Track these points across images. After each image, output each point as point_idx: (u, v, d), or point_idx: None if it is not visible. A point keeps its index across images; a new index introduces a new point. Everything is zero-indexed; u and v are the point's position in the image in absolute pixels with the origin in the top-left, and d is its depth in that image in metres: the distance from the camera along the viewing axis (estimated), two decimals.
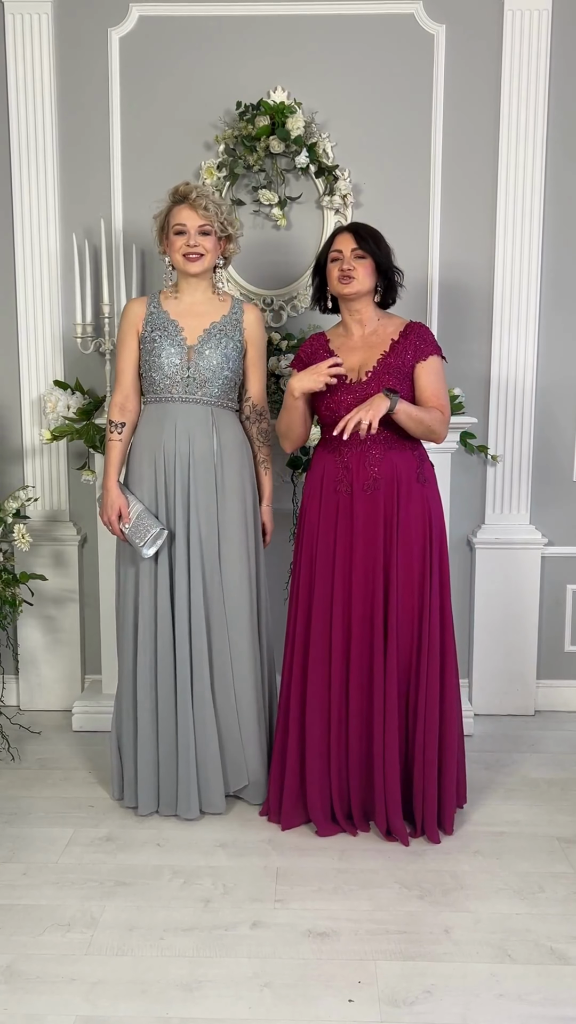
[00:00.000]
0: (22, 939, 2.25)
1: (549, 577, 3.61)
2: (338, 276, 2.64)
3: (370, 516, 2.63)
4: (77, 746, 3.31)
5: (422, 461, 2.70)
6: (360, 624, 2.65)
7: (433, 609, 2.65)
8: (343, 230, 2.69)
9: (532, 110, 3.34)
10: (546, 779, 3.09)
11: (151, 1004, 2.03)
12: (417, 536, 2.64)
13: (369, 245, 2.64)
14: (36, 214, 3.44)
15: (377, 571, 2.63)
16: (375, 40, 3.34)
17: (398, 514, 2.63)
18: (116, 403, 2.81)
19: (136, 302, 2.81)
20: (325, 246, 2.72)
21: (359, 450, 2.64)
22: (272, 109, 3.27)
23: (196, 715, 2.74)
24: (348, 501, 2.65)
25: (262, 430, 2.87)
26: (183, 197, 2.70)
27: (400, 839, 2.67)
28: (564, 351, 3.51)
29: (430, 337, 2.69)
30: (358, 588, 2.64)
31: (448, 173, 3.40)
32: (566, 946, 2.23)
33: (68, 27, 3.37)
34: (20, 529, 3.14)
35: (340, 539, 2.66)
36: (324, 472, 2.71)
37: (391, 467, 2.63)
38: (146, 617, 2.75)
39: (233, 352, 2.76)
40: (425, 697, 2.64)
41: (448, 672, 2.70)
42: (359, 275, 2.62)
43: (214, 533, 2.73)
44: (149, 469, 2.76)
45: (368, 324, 2.70)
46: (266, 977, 2.12)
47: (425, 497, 2.67)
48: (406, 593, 2.64)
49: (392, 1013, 2.01)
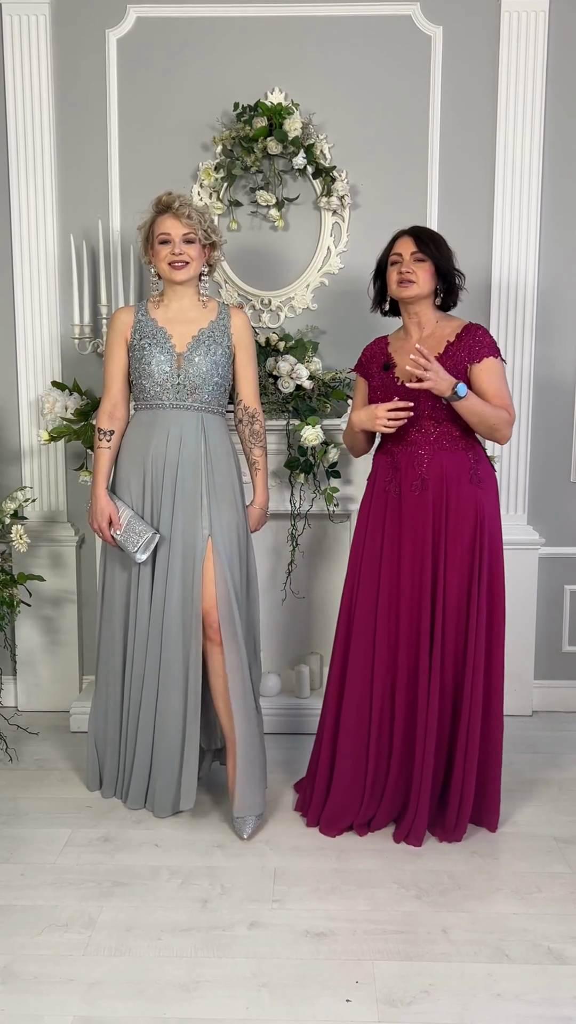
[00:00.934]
0: (20, 939, 2.25)
1: (547, 578, 3.62)
2: (397, 280, 2.65)
3: (418, 516, 2.63)
4: (75, 747, 3.31)
5: (478, 462, 2.69)
6: (407, 625, 2.65)
7: (481, 613, 2.63)
8: (403, 233, 2.69)
9: (529, 111, 3.35)
10: (543, 779, 3.09)
11: (149, 1004, 2.04)
12: (466, 537, 2.63)
13: (429, 248, 2.64)
14: (34, 215, 3.44)
15: (425, 571, 2.63)
16: (373, 41, 3.35)
17: (447, 515, 2.63)
18: (104, 410, 2.82)
19: (123, 311, 2.83)
20: (386, 249, 2.72)
21: (409, 450, 2.66)
22: (270, 110, 3.27)
23: (160, 718, 2.76)
24: (396, 501, 2.67)
25: (254, 432, 2.89)
26: (166, 207, 2.71)
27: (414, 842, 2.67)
28: (561, 352, 3.52)
29: (486, 339, 2.67)
30: (405, 587, 2.65)
31: (445, 174, 3.41)
32: (563, 946, 2.23)
33: (66, 28, 3.37)
34: (18, 530, 3.14)
35: (388, 539, 2.68)
36: (377, 475, 2.76)
37: (439, 467, 2.63)
38: (131, 620, 2.79)
39: (222, 358, 2.77)
40: (469, 703, 2.63)
41: (494, 678, 2.68)
42: (419, 278, 2.63)
43: (199, 538, 2.73)
44: (137, 474, 2.77)
45: (427, 326, 2.71)
46: (264, 977, 2.12)
47: (478, 498, 2.65)
48: (452, 593, 2.63)
49: (390, 1013, 2.01)
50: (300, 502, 3.39)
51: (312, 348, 3.37)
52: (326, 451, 3.26)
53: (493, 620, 2.69)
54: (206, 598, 2.72)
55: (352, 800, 2.72)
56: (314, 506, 3.39)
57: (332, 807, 2.73)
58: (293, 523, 3.42)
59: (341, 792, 2.72)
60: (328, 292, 3.47)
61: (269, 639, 3.56)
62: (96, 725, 2.92)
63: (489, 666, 2.68)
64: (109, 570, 2.87)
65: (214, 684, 2.76)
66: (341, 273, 3.45)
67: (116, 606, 2.85)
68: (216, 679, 2.75)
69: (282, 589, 3.51)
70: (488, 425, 2.60)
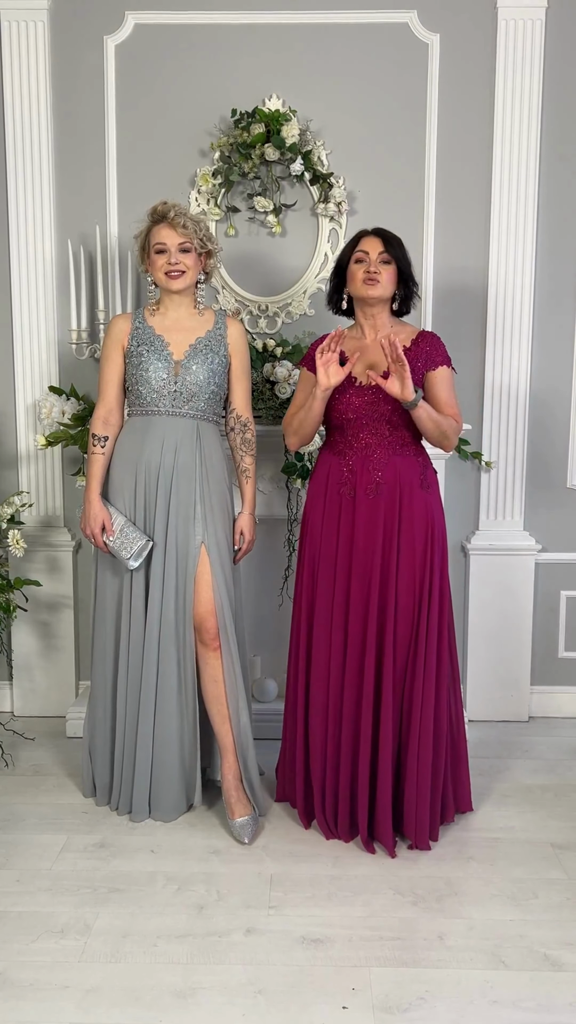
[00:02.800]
0: (15, 946, 2.25)
1: (543, 583, 3.62)
2: (363, 278, 2.64)
3: (371, 520, 2.64)
4: (71, 752, 3.30)
5: (425, 468, 2.72)
6: (355, 627, 2.65)
7: (432, 614, 2.66)
8: (369, 233, 2.69)
9: (526, 119, 3.36)
10: (540, 785, 3.09)
11: (144, 1011, 2.03)
12: (418, 541, 2.65)
13: (395, 251, 2.66)
14: (32, 220, 3.44)
15: (375, 575, 2.63)
16: (370, 49, 3.36)
17: (400, 519, 2.64)
18: (99, 417, 2.82)
19: (121, 318, 2.84)
20: (348, 247, 2.71)
21: (363, 454, 2.66)
22: (267, 117, 3.28)
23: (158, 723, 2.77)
24: (351, 504, 2.67)
25: (246, 440, 2.89)
26: (162, 216, 2.72)
27: (387, 849, 2.66)
28: (557, 358, 3.53)
29: (441, 347, 2.70)
30: (356, 591, 2.65)
31: (442, 181, 3.42)
32: (560, 952, 2.23)
33: (64, 34, 3.38)
34: (14, 535, 3.14)
35: (342, 542, 2.68)
36: (328, 474, 2.73)
37: (395, 472, 2.65)
38: (124, 627, 2.79)
39: (219, 367, 2.78)
40: (421, 705, 2.63)
41: (442, 678, 2.69)
42: (383, 279, 2.63)
43: (192, 545, 2.74)
44: (129, 480, 2.77)
45: (381, 329, 2.71)
46: (260, 984, 2.12)
47: (427, 503, 2.68)
48: (404, 598, 2.64)
49: (386, 1020, 2.01)
50: (296, 507, 3.39)
51: None
52: None
53: (442, 626, 2.69)
54: (203, 603, 2.73)
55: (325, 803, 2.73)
56: None
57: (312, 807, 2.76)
58: (290, 528, 3.42)
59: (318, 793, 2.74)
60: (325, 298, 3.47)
61: (266, 644, 3.56)
62: (90, 733, 2.92)
63: (440, 672, 2.68)
64: (101, 577, 2.87)
65: (211, 690, 2.76)
66: None
67: (108, 613, 2.85)
68: (214, 685, 2.75)
69: (279, 594, 3.51)
70: (441, 431, 2.63)
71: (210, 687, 2.76)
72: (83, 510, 2.82)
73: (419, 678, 2.63)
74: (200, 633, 2.74)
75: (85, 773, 2.95)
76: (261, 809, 2.80)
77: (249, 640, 3.15)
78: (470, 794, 2.86)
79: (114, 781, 2.87)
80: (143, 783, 2.79)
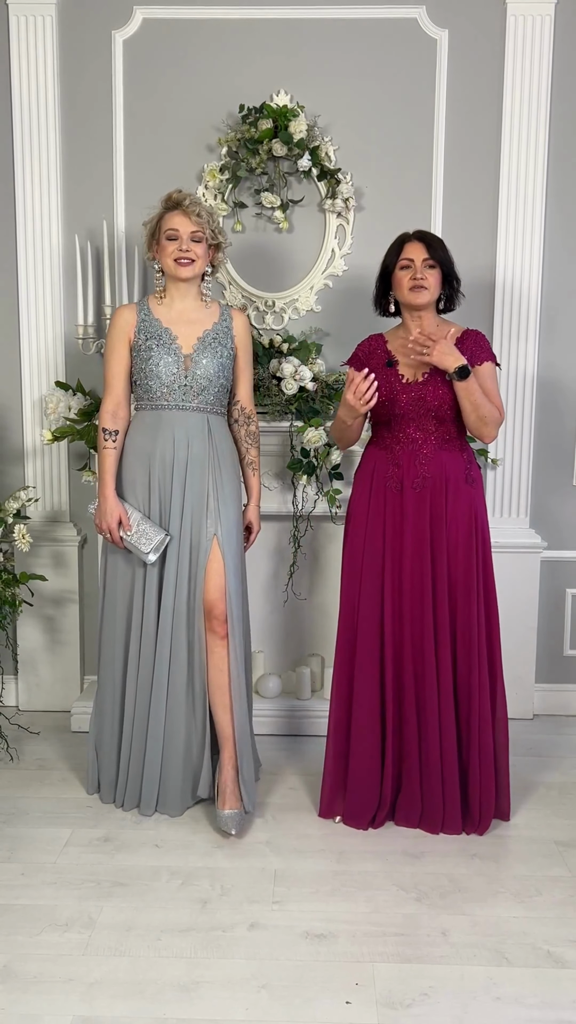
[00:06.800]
0: (19, 939, 2.25)
1: (548, 581, 3.62)
2: (410, 286, 2.67)
3: (418, 513, 2.68)
4: (76, 747, 3.30)
5: (470, 463, 2.75)
6: (412, 622, 2.69)
7: (481, 611, 2.70)
8: (412, 238, 2.71)
9: (534, 114, 3.35)
10: (544, 783, 3.09)
11: (148, 1005, 2.03)
12: (463, 535, 2.69)
13: (439, 254, 2.68)
14: (39, 215, 3.44)
15: (426, 567, 2.67)
16: (378, 44, 3.35)
17: (446, 513, 2.68)
18: (107, 410, 2.82)
19: (126, 309, 2.82)
20: (392, 252, 2.73)
21: (410, 448, 2.69)
22: (275, 112, 3.28)
23: (169, 717, 2.77)
24: (398, 498, 2.69)
25: (250, 432, 2.90)
26: (176, 204, 2.73)
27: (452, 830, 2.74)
28: (565, 355, 3.52)
29: (486, 344, 2.74)
30: (408, 584, 2.69)
31: (450, 177, 3.41)
32: (563, 950, 2.23)
33: (72, 29, 3.38)
34: (20, 529, 3.14)
35: (389, 536, 2.71)
36: (375, 469, 2.75)
37: (440, 466, 2.68)
38: (135, 620, 2.79)
39: (227, 360, 2.79)
40: (478, 698, 2.69)
41: (496, 670, 2.75)
42: (430, 284, 2.67)
43: (204, 537, 2.74)
44: (143, 475, 2.78)
45: (427, 328, 2.72)
46: (263, 978, 2.12)
47: (471, 498, 2.71)
48: (456, 592, 2.68)
49: (389, 1015, 2.01)
50: (302, 504, 3.39)
51: (316, 350, 3.37)
52: (328, 453, 3.26)
53: (491, 618, 2.75)
54: (213, 590, 2.73)
55: (370, 797, 2.75)
56: (316, 508, 3.39)
57: (352, 805, 2.76)
58: (295, 525, 3.42)
59: (358, 790, 2.75)
60: (332, 294, 3.48)
61: (270, 640, 3.56)
62: (97, 729, 2.92)
63: (492, 661, 2.75)
64: (111, 572, 2.87)
65: (216, 679, 2.76)
66: (345, 275, 3.45)
67: (118, 607, 2.84)
68: (219, 674, 2.75)
69: (284, 591, 3.51)
70: (480, 415, 2.64)
71: (215, 675, 2.76)
72: (98, 506, 2.81)
73: (474, 668, 2.68)
74: (209, 619, 2.74)
75: (90, 770, 2.95)
76: (251, 804, 2.77)
77: (252, 636, 3.15)
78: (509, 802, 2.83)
79: (119, 777, 2.87)
80: (152, 776, 2.79)
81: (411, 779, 2.75)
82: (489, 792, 2.72)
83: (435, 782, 2.71)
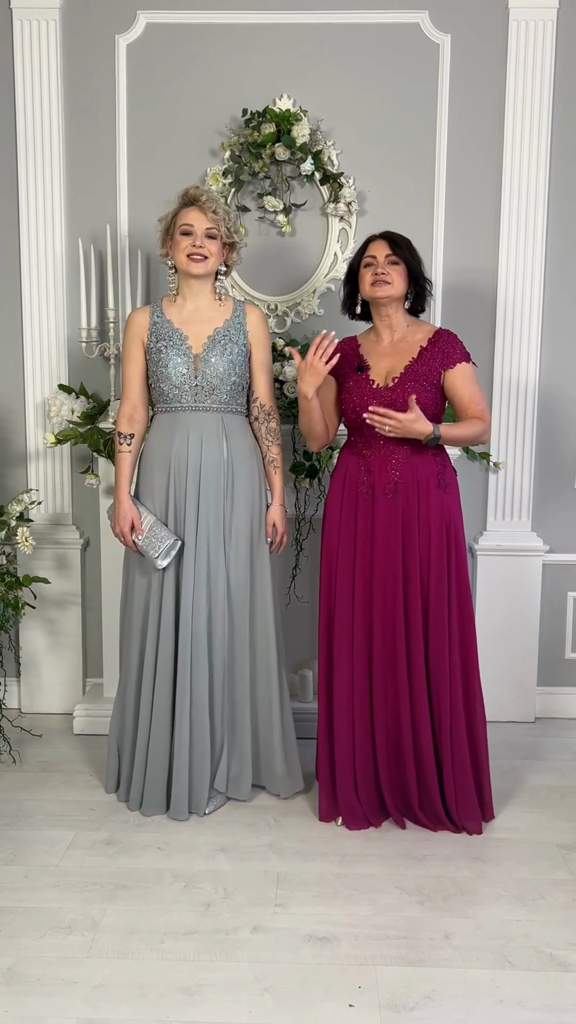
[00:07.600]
0: (23, 941, 2.26)
1: (550, 584, 3.62)
2: (372, 281, 2.68)
3: (390, 519, 2.67)
4: (78, 749, 3.31)
5: (444, 467, 2.74)
6: (382, 625, 2.69)
7: (452, 610, 2.69)
8: (377, 237, 2.73)
9: (536, 119, 3.36)
10: (546, 786, 3.09)
11: (151, 1007, 2.04)
12: (436, 540, 2.68)
13: (402, 251, 2.69)
14: (42, 219, 3.45)
15: (397, 573, 2.67)
16: (381, 49, 3.36)
17: (417, 518, 2.67)
18: (124, 414, 2.82)
19: (139, 313, 2.83)
20: (358, 253, 2.76)
21: (382, 453, 2.68)
22: (278, 116, 3.29)
23: (194, 717, 2.77)
24: (369, 503, 2.69)
25: (271, 430, 2.88)
26: (193, 200, 2.73)
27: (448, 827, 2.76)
28: (567, 358, 3.53)
29: (459, 344, 2.72)
30: (379, 589, 2.69)
31: (452, 181, 3.42)
32: (566, 952, 2.23)
33: (76, 34, 3.39)
34: (23, 532, 3.15)
35: (360, 540, 2.71)
36: (347, 473, 2.76)
37: (412, 471, 2.67)
38: (152, 623, 2.78)
39: (239, 357, 2.77)
40: (450, 702, 2.69)
41: (471, 674, 2.74)
42: (393, 279, 2.67)
43: (221, 541, 2.75)
44: (162, 479, 2.78)
45: (397, 330, 2.74)
46: (266, 981, 2.12)
47: (445, 502, 2.70)
48: (430, 596, 2.68)
49: (392, 1018, 2.01)
50: (305, 506, 3.39)
51: None
52: (331, 456, 3.27)
53: (464, 622, 2.74)
54: None
55: (359, 798, 2.77)
56: (318, 511, 3.40)
57: (343, 807, 2.78)
58: (297, 527, 3.42)
59: (345, 792, 2.77)
60: (334, 298, 3.48)
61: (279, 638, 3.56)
62: (118, 729, 2.91)
63: (466, 665, 2.74)
64: (130, 576, 2.87)
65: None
66: None
67: (136, 612, 2.84)
68: None
69: (286, 593, 3.51)
70: (466, 442, 2.70)
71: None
72: (113, 509, 2.82)
73: (445, 674, 2.68)
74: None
75: (110, 769, 2.94)
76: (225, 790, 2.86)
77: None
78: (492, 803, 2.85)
79: (134, 778, 2.85)
80: (182, 781, 2.78)
81: (390, 780, 2.77)
82: (465, 792, 2.73)
83: (411, 785, 2.73)
